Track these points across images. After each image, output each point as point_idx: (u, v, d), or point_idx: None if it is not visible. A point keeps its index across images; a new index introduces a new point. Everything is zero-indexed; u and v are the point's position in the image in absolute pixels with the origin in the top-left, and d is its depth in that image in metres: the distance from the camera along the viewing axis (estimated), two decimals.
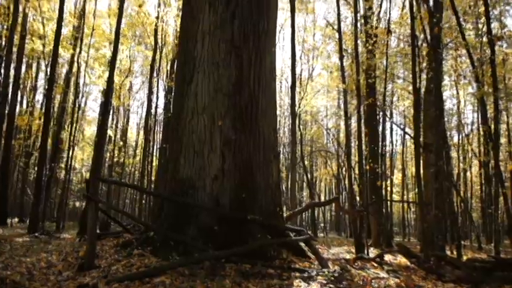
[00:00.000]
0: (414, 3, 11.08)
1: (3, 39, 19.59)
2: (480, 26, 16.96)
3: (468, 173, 28.28)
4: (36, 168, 15.66)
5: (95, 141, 19.91)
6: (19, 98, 25.32)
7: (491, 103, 13.36)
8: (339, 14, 12.68)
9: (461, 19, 11.99)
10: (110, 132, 26.42)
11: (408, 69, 18.31)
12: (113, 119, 31.05)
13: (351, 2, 15.41)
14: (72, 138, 19.16)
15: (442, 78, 14.20)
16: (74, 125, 19.33)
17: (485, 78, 13.71)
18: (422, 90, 12.32)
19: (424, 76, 12.58)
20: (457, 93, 25.08)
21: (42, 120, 17.66)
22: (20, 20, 18.35)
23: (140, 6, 15.63)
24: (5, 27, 19.23)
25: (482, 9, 12.50)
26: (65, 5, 15.40)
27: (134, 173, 36.23)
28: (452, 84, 23.84)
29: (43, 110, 19.67)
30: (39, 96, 28.65)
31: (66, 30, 21.37)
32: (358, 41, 12.65)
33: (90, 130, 34.79)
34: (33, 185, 15.97)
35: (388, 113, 21.96)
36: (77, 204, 35.10)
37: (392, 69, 19.53)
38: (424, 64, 12.61)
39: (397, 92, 23.32)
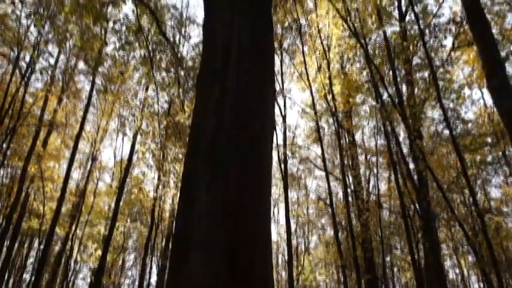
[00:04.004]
0: (400, 178, 11.75)
1: (1, 217, 19.80)
2: (466, 196, 17.60)
3: None
4: None
5: None
6: (6, 277, 24.23)
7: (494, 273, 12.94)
8: (330, 191, 13.26)
9: (448, 193, 12.52)
10: None
11: (404, 240, 18.25)
12: None
13: (340, 177, 16.30)
14: None
15: (439, 249, 14.09)
16: None
17: (483, 248, 13.58)
18: (422, 261, 12.08)
19: (421, 246, 12.48)
20: (458, 262, 24.53)
21: None
22: (21, 198, 18.90)
23: (140, 189, 16.48)
24: (5, 205, 19.65)
25: (464, 180, 13.18)
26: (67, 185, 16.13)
27: None
28: (452, 253, 23.50)
29: None
30: (27, 275, 27.49)
31: (64, 209, 21.82)
32: (352, 215, 12.93)
33: None
34: None
35: (390, 287, 21.00)
36: None
37: (388, 240, 19.46)
38: (420, 235, 12.64)
39: (396, 263, 22.79)
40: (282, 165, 15.59)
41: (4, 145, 15.69)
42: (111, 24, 10.48)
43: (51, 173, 21.31)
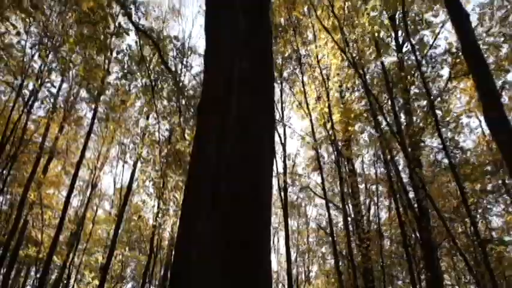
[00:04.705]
0: (400, 206, 11.72)
1: None
2: (468, 225, 17.43)
3: None
4: None
5: None
6: None
7: None
8: (330, 220, 13.20)
9: (449, 222, 12.44)
10: None
11: (406, 270, 17.99)
12: None
13: (340, 206, 16.22)
14: None
15: (441, 279, 13.87)
16: None
17: (486, 279, 13.37)
18: None
19: (423, 276, 12.30)
20: None
21: None
22: (19, 225, 18.72)
23: (139, 216, 16.42)
24: (3, 232, 19.47)
25: (465, 209, 13.10)
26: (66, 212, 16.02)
27: None
28: (454, 283, 23.10)
29: None
30: None
31: (63, 236, 21.60)
32: (352, 244, 12.81)
33: None
34: None
35: None
36: None
37: (389, 270, 19.18)
38: (421, 264, 12.49)
39: None
40: (282, 193, 15.55)
41: (4, 172, 15.70)
42: (114, 54, 10.71)
43: (50, 200, 21.21)
